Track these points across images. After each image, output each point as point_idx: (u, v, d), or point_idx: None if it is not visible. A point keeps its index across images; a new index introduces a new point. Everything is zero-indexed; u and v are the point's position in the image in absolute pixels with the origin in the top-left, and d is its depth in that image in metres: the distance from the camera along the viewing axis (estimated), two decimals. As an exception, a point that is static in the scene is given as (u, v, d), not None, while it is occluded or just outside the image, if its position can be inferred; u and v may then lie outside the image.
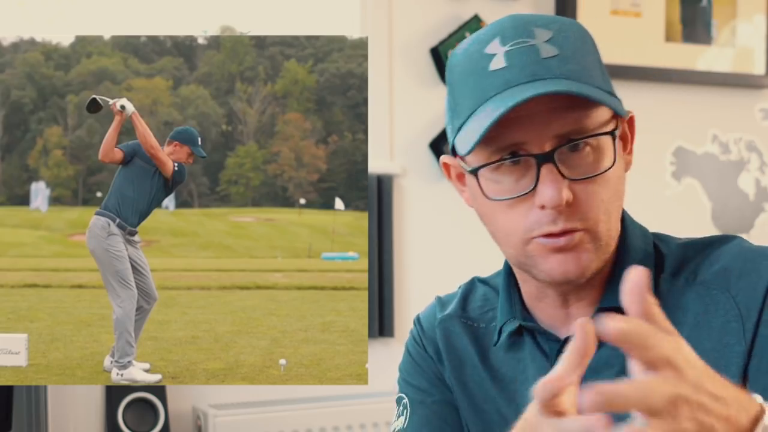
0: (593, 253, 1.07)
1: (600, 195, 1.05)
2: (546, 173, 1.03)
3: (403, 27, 2.93)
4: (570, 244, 1.06)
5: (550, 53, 1.05)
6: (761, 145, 3.34)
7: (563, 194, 1.03)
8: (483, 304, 1.26)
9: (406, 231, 2.93)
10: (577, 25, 1.10)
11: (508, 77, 1.05)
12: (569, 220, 1.05)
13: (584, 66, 1.05)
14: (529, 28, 1.06)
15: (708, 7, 3.20)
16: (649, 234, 1.18)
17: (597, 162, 1.05)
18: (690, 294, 1.11)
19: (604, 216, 1.06)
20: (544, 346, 1.16)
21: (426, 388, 1.27)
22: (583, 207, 1.05)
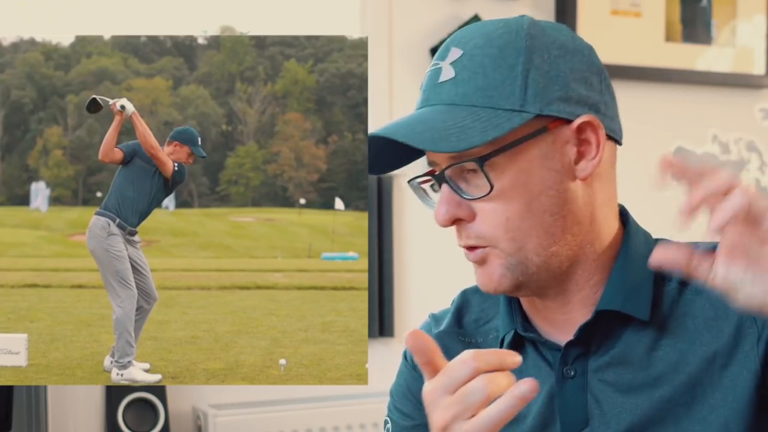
0: (505, 269, 1.08)
1: (502, 214, 1.06)
2: (441, 192, 1.09)
3: (403, 27, 2.93)
4: (476, 259, 1.10)
5: (447, 76, 1.08)
6: (761, 145, 3.34)
7: (449, 214, 1.07)
8: (479, 317, 1.25)
9: (406, 231, 2.93)
10: (504, 38, 1.08)
11: (419, 98, 1.13)
12: (467, 237, 1.09)
13: (480, 86, 1.06)
14: (449, 48, 1.10)
15: (708, 7, 3.20)
16: (652, 240, 1.17)
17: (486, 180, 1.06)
18: (699, 301, 1.11)
19: (508, 234, 1.07)
20: (547, 355, 1.15)
21: (410, 413, 1.27)
22: (480, 225, 1.08)
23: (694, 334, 1.10)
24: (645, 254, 1.13)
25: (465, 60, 1.07)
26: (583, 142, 1.09)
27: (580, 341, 1.12)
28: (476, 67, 1.07)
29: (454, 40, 1.11)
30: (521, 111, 1.05)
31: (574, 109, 1.07)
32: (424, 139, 1.03)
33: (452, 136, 1.03)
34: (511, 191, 1.06)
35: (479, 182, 1.06)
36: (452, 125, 1.04)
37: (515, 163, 1.06)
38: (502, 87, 1.05)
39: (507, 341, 1.18)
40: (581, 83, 1.08)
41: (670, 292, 1.12)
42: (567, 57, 1.08)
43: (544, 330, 1.17)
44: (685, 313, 1.11)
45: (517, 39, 1.07)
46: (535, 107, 1.05)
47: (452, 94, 1.07)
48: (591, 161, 1.09)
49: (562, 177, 1.08)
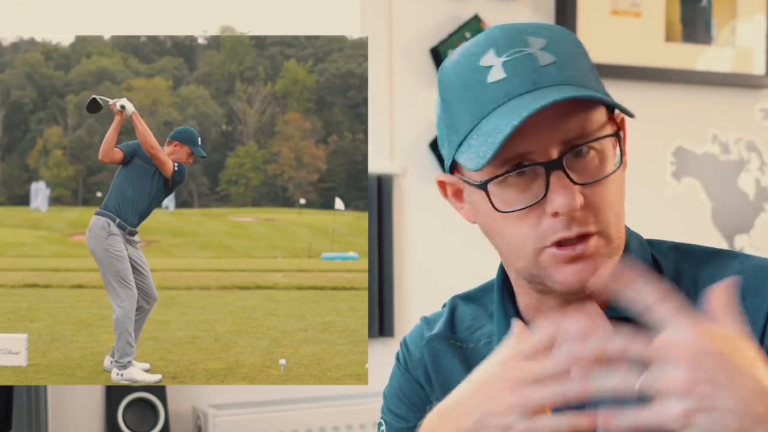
0: (608, 257, 1.06)
1: (608, 197, 1.06)
2: (556, 180, 1.03)
3: (403, 27, 2.93)
4: (585, 252, 1.05)
5: (548, 60, 1.05)
6: (761, 145, 3.34)
7: (576, 199, 1.03)
8: (471, 323, 1.25)
9: (406, 231, 2.93)
10: (567, 32, 1.11)
11: (509, 88, 1.04)
12: (583, 224, 1.04)
13: (580, 71, 1.06)
14: (522, 37, 1.06)
15: (708, 7, 3.20)
16: (645, 243, 1.17)
17: (602, 165, 1.05)
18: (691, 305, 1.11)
19: (614, 218, 1.06)
20: None
21: (404, 415, 1.27)
22: (594, 210, 1.05)
23: None
24: (643, 257, 1.14)
25: (554, 47, 1.06)
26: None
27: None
28: (568, 54, 1.06)
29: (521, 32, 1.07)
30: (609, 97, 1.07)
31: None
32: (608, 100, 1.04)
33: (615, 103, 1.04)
34: (614, 175, 1.07)
35: (585, 167, 1.05)
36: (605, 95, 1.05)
37: (612, 148, 1.07)
38: (591, 75, 1.08)
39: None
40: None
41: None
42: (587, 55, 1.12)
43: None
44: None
45: (572, 35, 1.10)
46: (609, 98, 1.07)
47: (563, 76, 1.05)
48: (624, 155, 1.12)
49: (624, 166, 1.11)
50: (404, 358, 1.29)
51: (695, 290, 1.10)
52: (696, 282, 1.11)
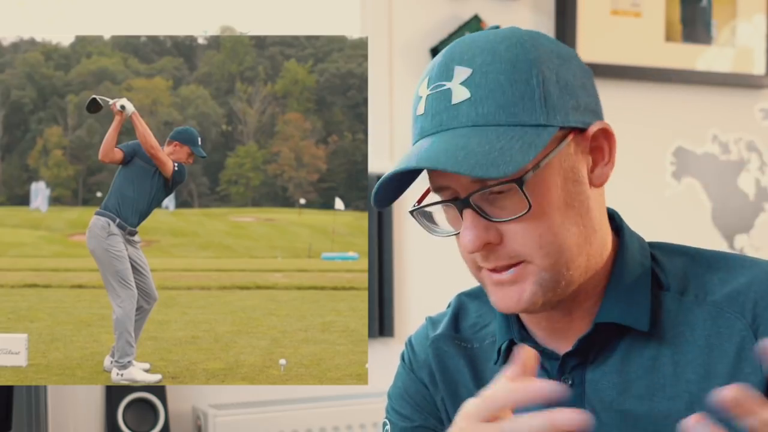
0: (536, 286, 1.06)
1: (534, 232, 1.04)
2: (466, 218, 1.05)
3: (403, 27, 2.93)
4: (509, 279, 1.06)
5: (462, 97, 1.03)
6: (761, 145, 3.34)
7: (479, 239, 1.04)
8: (476, 321, 1.25)
9: (406, 231, 2.93)
10: (511, 51, 1.05)
11: (423, 125, 1.07)
12: (498, 260, 1.06)
13: (501, 104, 1.02)
14: (451, 66, 1.05)
15: (708, 7, 3.20)
16: (646, 246, 1.16)
17: (521, 202, 1.02)
18: (699, 312, 1.09)
19: (541, 251, 1.04)
20: (545, 363, 1.14)
21: (408, 414, 1.27)
22: (513, 246, 1.05)
23: (693, 347, 1.08)
24: (641, 261, 1.13)
25: (477, 78, 1.03)
26: (596, 149, 1.09)
27: (578, 352, 1.11)
28: (492, 84, 1.03)
29: (454, 59, 1.06)
30: (546, 125, 1.03)
31: (585, 117, 1.07)
32: (471, 166, 0.98)
33: (497, 160, 0.99)
34: (540, 208, 1.03)
35: (505, 203, 1.03)
36: (490, 148, 1.00)
37: (542, 179, 1.04)
38: (522, 102, 1.03)
39: (503, 350, 1.18)
40: (582, 90, 1.07)
41: (669, 301, 1.11)
42: (565, 65, 1.07)
43: (541, 338, 1.16)
44: (684, 323, 1.09)
45: (524, 51, 1.05)
46: (557, 120, 1.04)
47: (473, 115, 1.03)
48: (605, 167, 1.09)
49: (583, 186, 1.07)
50: (409, 358, 1.29)
51: (704, 295, 1.10)
52: (706, 287, 1.10)
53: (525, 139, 1.01)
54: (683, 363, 1.07)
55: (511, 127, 1.02)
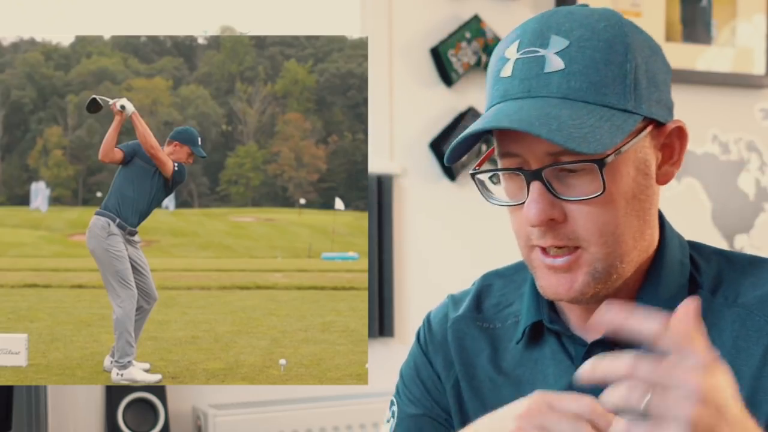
0: (589, 276, 1.05)
1: (599, 217, 1.03)
2: (533, 190, 1.03)
3: (403, 27, 2.93)
4: (563, 265, 1.05)
5: (555, 67, 1.02)
6: (761, 145, 3.34)
7: (544, 214, 1.02)
8: (499, 301, 1.23)
9: (406, 231, 2.92)
10: (609, 31, 1.04)
11: (507, 87, 1.05)
12: (556, 238, 1.04)
13: (594, 82, 1.02)
14: (547, 34, 1.05)
15: (708, 7, 3.20)
16: (685, 244, 1.16)
17: (592, 183, 1.01)
18: (728, 314, 1.08)
19: (601, 239, 1.03)
20: (570, 348, 1.14)
21: (418, 397, 1.26)
22: (574, 227, 1.04)
23: (720, 348, 1.06)
24: (681, 260, 1.12)
25: (573, 51, 1.02)
26: (667, 146, 1.08)
27: (606, 342, 1.10)
28: (587, 60, 1.02)
29: (551, 28, 1.05)
30: (632, 112, 1.02)
31: (665, 112, 1.07)
32: (565, 137, 0.97)
33: (588, 136, 0.98)
34: (610, 194, 1.02)
35: (575, 182, 1.02)
36: (581, 123, 0.99)
37: (618, 166, 1.03)
38: (614, 84, 1.02)
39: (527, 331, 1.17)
40: (665, 85, 1.08)
41: (703, 300, 1.08)
42: (654, 57, 1.07)
43: (572, 323, 1.15)
44: (712, 324, 1.08)
45: (622, 35, 1.04)
46: (643, 109, 1.03)
47: (564, 87, 1.02)
48: (672, 166, 1.09)
49: (650, 180, 1.06)
50: (425, 338, 1.27)
51: (735, 297, 1.09)
52: (737, 289, 1.09)
53: (613, 121, 1.01)
54: None
55: (599, 106, 1.01)
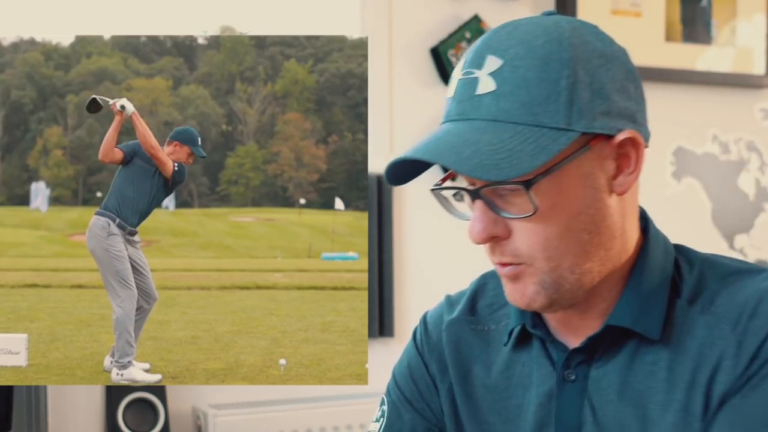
0: (538, 286, 1.05)
1: (540, 234, 1.03)
2: (476, 208, 1.05)
3: (403, 27, 2.93)
4: (510, 275, 1.07)
5: (487, 89, 1.02)
6: (761, 145, 3.34)
7: (486, 232, 1.04)
8: (493, 301, 1.24)
9: (406, 231, 2.92)
10: (546, 47, 1.02)
11: (450, 109, 1.06)
12: (503, 255, 1.06)
13: (525, 102, 1.00)
14: (484, 54, 1.04)
15: (708, 7, 3.20)
16: (671, 250, 1.14)
17: (529, 203, 1.01)
18: (701, 322, 1.07)
19: (544, 254, 1.04)
20: (552, 353, 1.14)
21: (409, 396, 1.26)
22: (518, 244, 1.04)
23: (688, 355, 1.06)
24: (663, 266, 1.11)
25: (506, 71, 1.02)
26: (622, 156, 1.07)
27: (586, 349, 1.11)
28: (519, 80, 1.01)
29: (490, 47, 1.04)
30: (567, 129, 1.01)
31: (615, 122, 1.04)
32: (473, 165, 0.98)
33: (503, 162, 0.98)
34: (550, 211, 1.02)
35: (517, 200, 1.03)
36: (500, 148, 0.99)
37: (556, 183, 1.02)
38: (546, 103, 1.00)
39: (515, 334, 1.18)
40: (621, 93, 1.05)
41: (678, 309, 1.09)
42: (607, 66, 1.05)
43: (554, 328, 1.15)
44: (686, 332, 1.08)
45: (561, 49, 1.02)
46: (581, 125, 1.01)
47: (494, 109, 1.01)
48: (629, 176, 1.08)
49: (600, 194, 1.05)
50: (421, 338, 1.28)
51: (710, 305, 1.08)
52: (713, 299, 1.08)
53: (540, 142, 0.99)
54: (678, 371, 1.07)
55: (529, 127, 1.00)
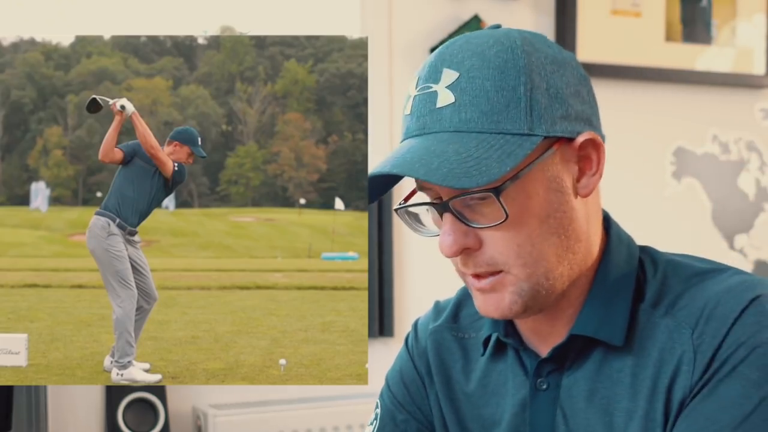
0: (515, 295, 1.05)
1: (512, 240, 1.03)
2: (445, 222, 1.04)
3: (403, 27, 2.93)
4: (488, 286, 1.06)
5: (446, 101, 1.03)
6: (761, 145, 3.34)
7: (457, 244, 1.03)
8: (476, 310, 1.22)
9: (406, 231, 2.92)
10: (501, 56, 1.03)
11: (408, 125, 1.06)
12: (476, 265, 1.05)
13: (485, 111, 1.01)
14: (440, 68, 1.04)
15: (708, 7, 3.20)
16: (635, 253, 1.14)
17: (498, 210, 1.01)
18: (662, 325, 1.07)
19: (519, 260, 1.04)
20: (526, 361, 1.15)
21: (402, 401, 1.27)
22: (491, 253, 1.04)
23: (650, 361, 1.06)
24: (625, 270, 1.11)
25: (463, 83, 1.02)
26: (584, 159, 1.07)
27: (554, 359, 1.11)
28: (477, 90, 1.02)
29: (444, 61, 1.05)
30: (530, 134, 1.01)
31: (574, 126, 1.05)
32: (443, 175, 0.98)
33: (472, 169, 0.98)
34: (520, 217, 1.03)
35: (486, 210, 1.03)
36: (467, 157, 0.99)
37: (523, 188, 1.03)
38: (507, 110, 1.01)
39: (491, 343, 1.18)
40: (575, 97, 1.06)
41: (641, 313, 1.09)
42: (560, 72, 1.05)
43: (527, 337, 1.16)
44: (648, 337, 1.07)
45: (515, 57, 1.03)
46: (542, 129, 1.02)
47: (455, 120, 1.02)
48: (592, 177, 1.07)
49: (566, 197, 1.05)
50: (412, 343, 1.29)
51: (672, 308, 1.07)
52: (675, 302, 1.07)
53: (505, 148, 1.00)
54: (641, 377, 1.06)
55: (492, 134, 1.01)
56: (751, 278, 1.07)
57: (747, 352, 1.00)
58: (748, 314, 1.02)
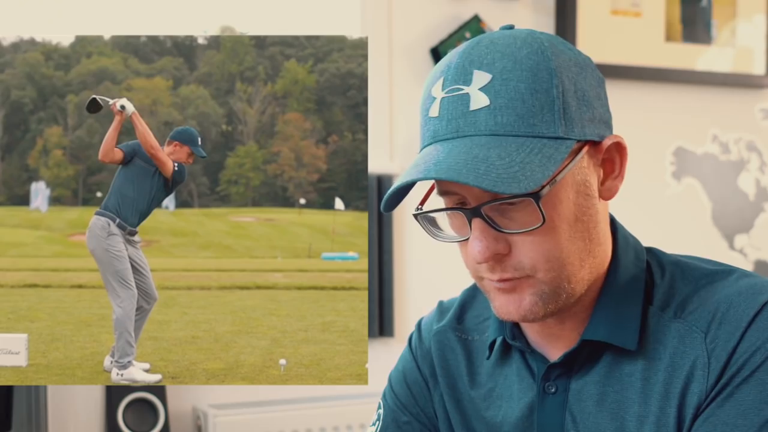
0: (536, 297, 1.04)
1: (542, 245, 1.02)
2: (475, 227, 1.02)
3: (403, 27, 2.93)
4: (511, 287, 1.05)
5: (481, 104, 1.00)
6: (761, 145, 3.34)
7: (488, 250, 1.02)
8: (479, 313, 1.24)
9: (406, 231, 2.93)
10: (532, 58, 1.02)
11: (437, 128, 1.03)
12: (505, 270, 1.04)
13: (521, 114, 1.00)
14: (469, 70, 1.02)
15: (708, 7, 3.20)
16: (643, 256, 1.13)
17: (532, 215, 1.00)
18: (672, 329, 1.06)
19: (547, 265, 1.03)
20: (532, 364, 1.14)
21: (405, 402, 1.27)
22: (520, 258, 1.03)
23: (662, 365, 1.06)
24: (634, 273, 1.10)
25: (497, 85, 1.00)
26: (607, 162, 1.07)
27: (564, 363, 1.11)
28: (512, 93, 1.00)
29: (473, 62, 1.02)
30: (565, 138, 1.01)
31: (600, 129, 1.05)
32: (493, 181, 0.95)
33: (518, 174, 0.96)
34: (551, 221, 1.01)
35: (516, 214, 1.01)
36: (510, 161, 0.97)
37: (556, 192, 1.01)
38: (542, 114, 1.00)
39: (496, 345, 1.18)
40: (597, 100, 1.05)
41: (651, 317, 1.08)
42: (583, 74, 1.04)
43: (533, 340, 1.15)
44: (659, 341, 1.07)
45: (546, 59, 1.02)
46: (575, 132, 1.01)
47: (491, 123, 1.00)
48: (615, 180, 1.07)
49: (593, 200, 1.05)
50: (416, 344, 1.29)
51: (681, 311, 1.07)
52: (684, 303, 1.07)
53: (544, 152, 0.99)
54: (652, 382, 1.06)
55: (529, 138, 1.00)
56: (761, 280, 1.07)
57: (763, 356, 1.00)
58: (761, 318, 1.02)
